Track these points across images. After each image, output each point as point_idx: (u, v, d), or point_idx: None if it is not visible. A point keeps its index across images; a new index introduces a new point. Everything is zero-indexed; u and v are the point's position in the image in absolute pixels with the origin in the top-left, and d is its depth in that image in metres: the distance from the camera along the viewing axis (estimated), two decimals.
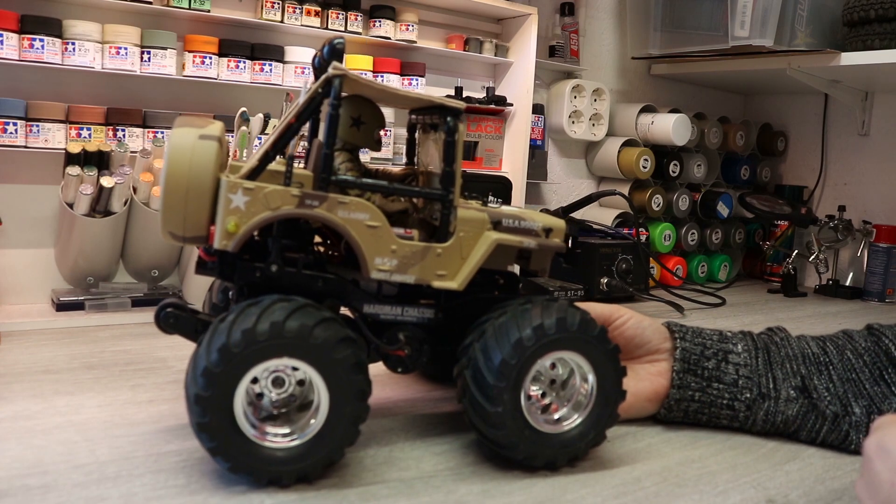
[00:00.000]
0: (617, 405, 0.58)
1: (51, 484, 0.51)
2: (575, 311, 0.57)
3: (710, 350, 0.68)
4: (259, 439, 0.51)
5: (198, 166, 0.52)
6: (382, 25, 1.20)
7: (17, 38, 0.92)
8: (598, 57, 1.63)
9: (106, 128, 0.99)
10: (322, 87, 0.54)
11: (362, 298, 0.58)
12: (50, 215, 1.00)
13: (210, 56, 1.04)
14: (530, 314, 0.55)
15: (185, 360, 0.81)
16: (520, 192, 1.36)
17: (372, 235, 0.55)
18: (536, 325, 0.55)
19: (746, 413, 0.67)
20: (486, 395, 0.54)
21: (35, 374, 0.74)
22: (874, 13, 1.32)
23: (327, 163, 0.54)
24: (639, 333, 0.70)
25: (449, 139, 0.57)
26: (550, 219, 0.63)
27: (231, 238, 0.52)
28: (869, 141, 1.71)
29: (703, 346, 0.69)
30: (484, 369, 0.54)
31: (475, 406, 0.55)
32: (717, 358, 0.68)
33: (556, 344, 0.55)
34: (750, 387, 0.67)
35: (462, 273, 0.58)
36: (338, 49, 0.55)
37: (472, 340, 0.56)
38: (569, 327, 0.55)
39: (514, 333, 0.54)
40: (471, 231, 0.58)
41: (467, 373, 0.56)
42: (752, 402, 0.67)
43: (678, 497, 0.55)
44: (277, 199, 0.52)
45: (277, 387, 0.52)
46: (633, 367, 0.69)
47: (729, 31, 1.42)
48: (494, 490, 0.54)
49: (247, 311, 0.50)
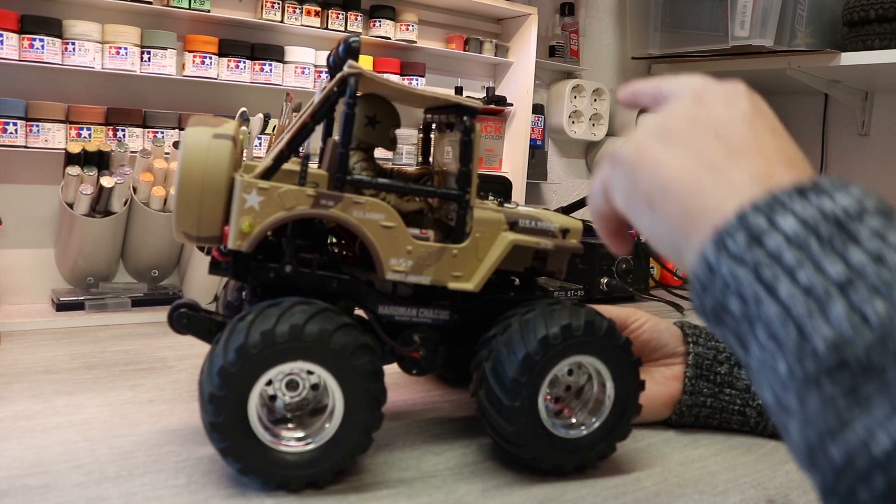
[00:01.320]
0: (631, 418, 0.58)
1: (51, 484, 0.50)
2: (603, 317, 0.56)
3: (723, 354, 0.68)
4: (272, 443, 0.50)
5: (212, 166, 0.51)
6: (382, 25, 1.20)
7: (17, 38, 0.91)
8: (598, 57, 1.63)
9: (106, 128, 0.98)
10: (337, 86, 0.53)
11: (377, 299, 0.58)
12: (50, 215, 1.00)
13: (210, 56, 1.04)
14: (559, 313, 0.55)
15: (186, 360, 0.82)
16: (520, 192, 1.36)
17: (387, 236, 0.54)
18: (565, 324, 0.54)
19: (757, 419, 0.67)
20: (505, 389, 0.54)
21: (35, 374, 0.74)
22: (874, 13, 1.32)
23: (343, 162, 0.53)
24: (655, 337, 0.69)
25: (465, 139, 0.56)
26: (567, 219, 0.62)
27: (245, 238, 0.51)
28: (869, 141, 1.71)
29: (716, 349, 0.68)
30: (506, 362, 0.54)
31: (491, 399, 0.54)
32: (730, 362, 0.68)
33: (582, 347, 0.55)
34: None
35: (478, 274, 0.57)
36: (353, 48, 0.54)
37: (496, 333, 0.56)
38: (596, 332, 0.55)
39: (541, 330, 0.54)
40: (487, 232, 0.58)
41: (487, 365, 0.55)
42: (764, 409, 0.66)
43: (678, 497, 0.55)
44: (292, 199, 0.52)
45: (291, 390, 0.52)
46: (649, 370, 0.69)
47: (729, 31, 1.42)
48: (494, 490, 0.54)
49: (266, 313, 0.49)
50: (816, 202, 0.30)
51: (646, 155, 0.37)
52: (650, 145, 0.37)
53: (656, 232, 0.36)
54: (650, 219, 0.36)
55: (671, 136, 0.36)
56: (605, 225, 0.42)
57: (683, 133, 0.36)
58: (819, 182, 0.31)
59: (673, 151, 0.36)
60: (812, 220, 0.29)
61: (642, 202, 0.36)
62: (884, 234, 0.28)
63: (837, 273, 0.27)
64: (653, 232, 0.36)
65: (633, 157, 0.37)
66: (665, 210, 0.35)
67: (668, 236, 0.35)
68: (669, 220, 0.35)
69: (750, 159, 0.34)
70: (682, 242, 0.34)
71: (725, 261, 0.31)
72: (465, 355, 0.59)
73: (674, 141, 0.36)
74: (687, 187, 0.34)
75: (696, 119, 0.36)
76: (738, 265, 0.30)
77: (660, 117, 0.38)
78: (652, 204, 0.35)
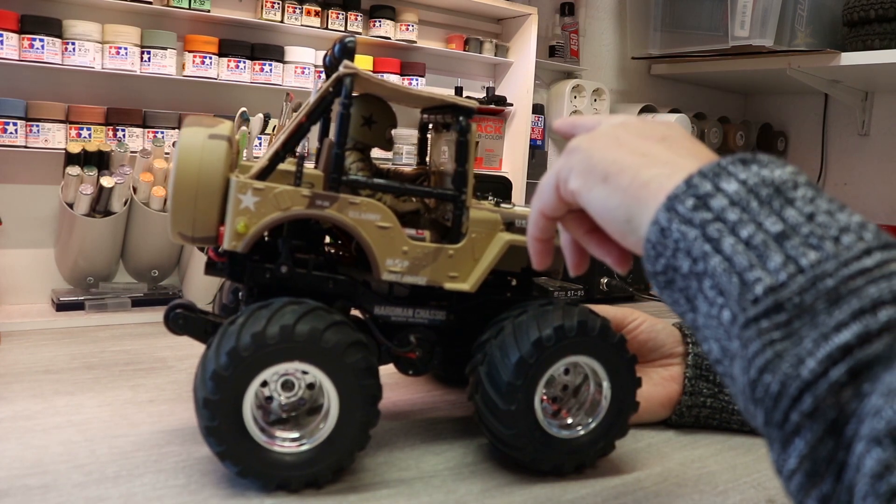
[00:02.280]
0: (629, 416, 0.58)
1: (51, 484, 0.51)
2: (596, 316, 0.56)
3: None
4: (268, 444, 0.50)
5: (208, 166, 0.51)
6: (382, 25, 1.20)
7: (17, 38, 0.91)
8: (598, 57, 1.63)
9: (106, 128, 0.98)
10: (333, 86, 0.53)
11: (373, 300, 0.58)
12: (50, 215, 1.00)
13: (210, 56, 1.04)
14: (552, 315, 0.55)
15: (186, 360, 0.82)
16: (520, 192, 1.36)
17: (383, 236, 0.54)
18: (558, 325, 0.54)
19: None
20: (500, 393, 0.54)
21: (35, 374, 0.74)
22: (874, 13, 1.32)
23: (338, 163, 0.53)
24: (652, 337, 0.69)
25: (461, 139, 0.56)
26: None
27: (241, 239, 0.51)
28: (869, 141, 1.71)
29: None
30: (500, 366, 0.54)
31: (487, 403, 0.54)
32: None
33: (576, 347, 0.55)
34: None
35: (474, 274, 0.57)
36: (349, 48, 0.54)
37: (490, 337, 0.56)
38: (589, 332, 0.55)
39: (533, 332, 0.54)
40: (483, 232, 0.58)
41: (482, 369, 0.55)
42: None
43: (678, 497, 0.55)
44: (288, 199, 0.52)
45: (287, 390, 0.52)
46: (647, 371, 0.69)
47: (729, 31, 1.42)
48: (494, 490, 0.54)
49: (257, 314, 0.49)
50: (757, 170, 0.33)
51: (602, 138, 0.41)
52: (605, 134, 0.41)
53: (608, 205, 0.38)
54: (605, 191, 0.38)
55: (621, 138, 0.40)
56: (541, 225, 0.45)
57: (633, 136, 0.40)
58: (759, 155, 0.34)
59: (626, 144, 0.40)
60: (753, 184, 0.32)
61: (597, 177, 0.39)
62: (814, 198, 0.32)
63: (775, 228, 0.31)
64: (605, 205, 0.38)
65: (590, 142, 0.41)
66: (619, 182, 0.38)
67: (622, 207, 0.37)
68: (623, 191, 0.37)
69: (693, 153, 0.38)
70: (636, 211, 0.37)
71: (675, 223, 0.34)
72: (461, 356, 0.59)
73: (624, 140, 0.40)
74: (640, 161, 0.38)
75: (641, 129, 0.41)
76: (687, 226, 0.33)
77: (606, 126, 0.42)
78: (607, 177, 0.38)
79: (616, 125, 0.42)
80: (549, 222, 0.44)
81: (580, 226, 0.44)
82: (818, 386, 0.27)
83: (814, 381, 0.27)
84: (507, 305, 0.58)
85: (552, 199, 0.43)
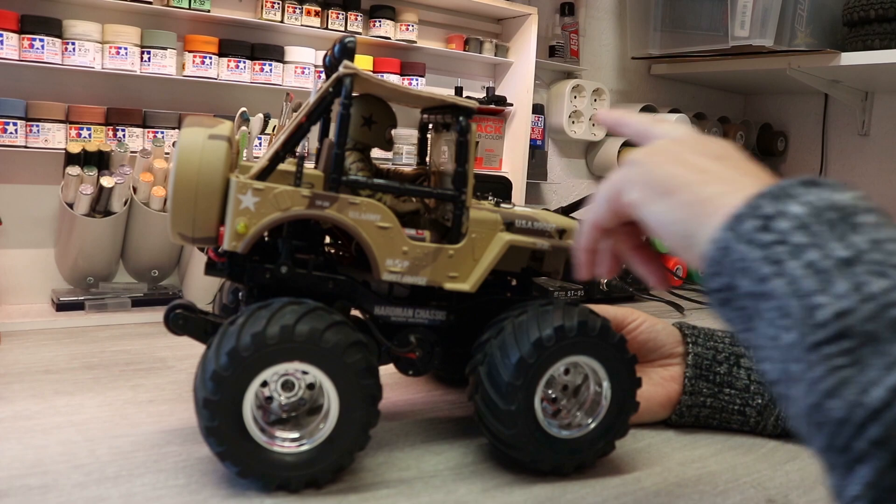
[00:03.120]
0: (629, 415, 0.58)
1: (51, 484, 0.51)
2: (596, 316, 0.56)
3: (722, 354, 0.68)
4: (268, 444, 0.50)
5: (207, 166, 0.51)
6: (382, 25, 1.20)
7: (17, 38, 0.91)
8: (598, 57, 1.63)
9: (106, 128, 0.98)
10: (333, 86, 0.53)
11: (373, 300, 0.58)
12: (50, 215, 1.00)
13: (210, 56, 1.04)
14: (552, 315, 0.55)
15: (186, 360, 0.82)
16: (520, 192, 1.36)
17: (383, 236, 0.54)
18: (558, 325, 0.54)
19: (757, 419, 0.67)
20: (500, 393, 0.54)
21: (35, 374, 0.74)
22: (874, 13, 1.32)
23: (338, 163, 0.53)
24: (652, 338, 0.69)
25: (461, 139, 0.56)
26: (564, 220, 0.62)
27: (241, 239, 0.51)
28: (869, 141, 1.71)
29: (715, 349, 0.68)
30: (500, 366, 0.54)
31: (487, 403, 0.55)
32: (729, 362, 0.68)
33: (576, 347, 0.55)
34: (762, 392, 0.66)
35: (474, 275, 0.57)
36: (349, 48, 0.54)
37: (490, 337, 0.56)
38: (589, 332, 0.55)
39: (534, 332, 0.54)
40: (483, 232, 0.58)
41: (482, 369, 0.55)
42: (764, 408, 0.66)
43: (678, 497, 0.55)
44: (287, 199, 0.52)
45: (287, 390, 0.52)
46: (647, 371, 0.69)
47: (729, 31, 1.42)
48: (494, 490, 0.54)
49: (256, 315, 0.49)
50: (820, 194, 0.33)
51: (662, 153, 0.41)
52: (665, 149, 0.41)
53: (667, 219, 0.39)
54: (665, 206, 0.39)
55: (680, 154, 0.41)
56: (593, 236, 0.45)
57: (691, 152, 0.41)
58: (821, 179, 0.34)
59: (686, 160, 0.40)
60: (818, 207, 0.32)
61: (658, 191, 0.39)
62: (879, 225, 0.32)
63: (841, 254, 0.31)
64: (665, 220, 0.39)
65: (650, 156, 0.41)
66: (680, 198, 0.38)
67: (681, 223, 0.38)
68: (683, 207, 0.38)
69: (750, 172, 0.39)
70: (695, 227, 0.37)
71: (737, 243, 0.34)
72: (461, 356, 0.59)
73: (683, 157, 0.40)
74: (700, 178, 0.38)
75: (698, 146, 0.41)
76: (749, 246, 0.33)
77: (665, 141, 0.43)
78: (668, 192, 0.39)
79: (674, 141, 0.42)
80: (600, 233, 0.45)
81: (628, 240, 0.45)
82: (886, 414, 0.27)
83: (881, 409, 0.27)
84: (507, 305, 0.58)
85: (607, 211, 0.43)
